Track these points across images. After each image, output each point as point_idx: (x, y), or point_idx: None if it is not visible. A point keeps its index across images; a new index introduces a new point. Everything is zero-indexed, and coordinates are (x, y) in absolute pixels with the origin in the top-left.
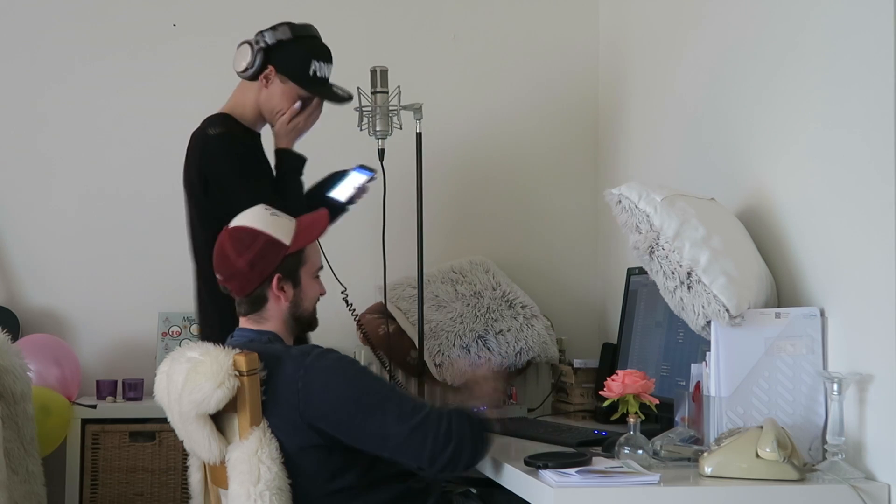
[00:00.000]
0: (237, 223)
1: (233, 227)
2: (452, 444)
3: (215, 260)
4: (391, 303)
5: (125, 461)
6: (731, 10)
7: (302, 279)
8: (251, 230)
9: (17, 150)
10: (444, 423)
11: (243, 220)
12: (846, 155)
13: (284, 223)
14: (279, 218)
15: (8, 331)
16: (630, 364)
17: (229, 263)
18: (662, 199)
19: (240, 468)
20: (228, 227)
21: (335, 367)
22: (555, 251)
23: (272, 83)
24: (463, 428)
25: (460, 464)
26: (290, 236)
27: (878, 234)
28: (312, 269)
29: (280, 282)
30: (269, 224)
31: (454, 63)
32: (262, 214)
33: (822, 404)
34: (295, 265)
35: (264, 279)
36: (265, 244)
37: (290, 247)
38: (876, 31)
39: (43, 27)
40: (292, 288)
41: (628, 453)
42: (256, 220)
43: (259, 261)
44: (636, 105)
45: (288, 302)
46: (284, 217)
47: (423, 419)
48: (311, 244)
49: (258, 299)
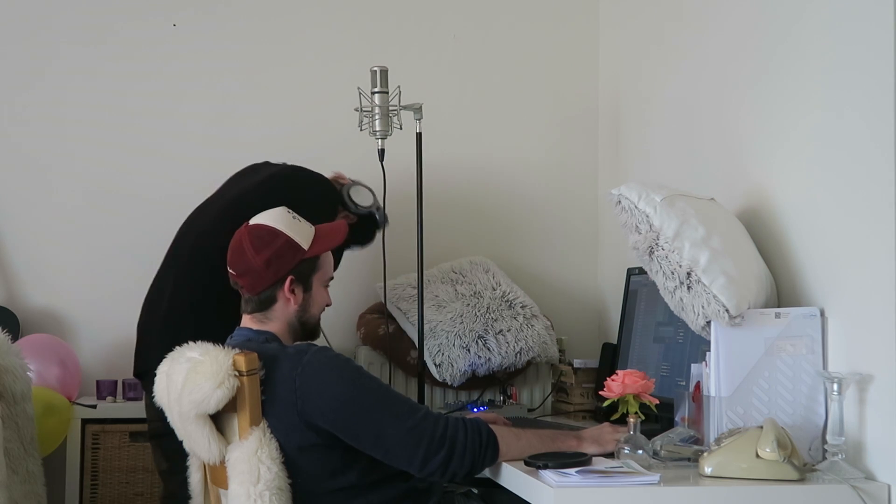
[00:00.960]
0: (258, 221)
1: (254, 223)
2: (445, 449)
3: (231, 254)
4: (391, 303)
5: (125, 461)
6: (732, 10)
7: (313, 285)
8: (272, 229)
9: (17, 150)
10: (440, 428)
11: (265, 219)
12: (846, 155)
13: (305, 228)
14: (300, 223)
15: (8, 331)
16: (630, 364)
17: (246, 259)
18: (662, 200)
19: (240, 468)
20: (249, 223)
21: (331, 366)
22: (555, 251)
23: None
24: (458, 434)
25: (449, 470)
26: (308, 241)
27: (879, 234)
28: (324, 278)
29: (292, 284)
30: (290, 226)
31: (454, 63)
32: (285, 216)
33: (822, 404)
34: (309, 270)
35: (277, 279)
36: (284, 244)
37: (307, 251)
38: (876, 31)
39: (42, 27)
40: (303, 292)
41: (628, 453)
42: (278, 221)
43: (276, 260)
44: (636, 105)
45: (297, 305)
46: (305, 223)
47: (420, 421)
48: (327, 254)
49: (268, 299)
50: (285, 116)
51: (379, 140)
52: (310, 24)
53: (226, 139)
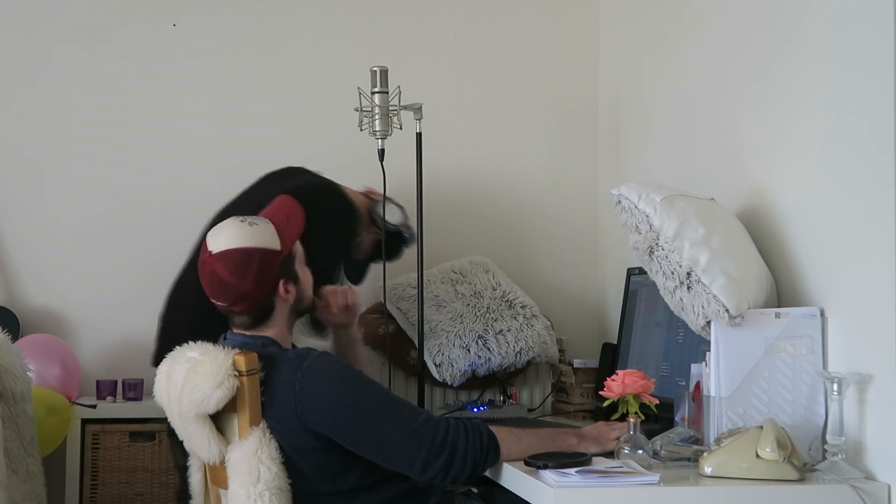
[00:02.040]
0: (221, 247)
1: (219, 252)
2: (447, 453)
3: (212, 289)
4: (391, 303)
5: (125, 461)
6: (732, 10)
7: (298, 273)
8: (243, 251)
9: (17, 150)
10: (441, 433)
11: (227, 243)
12: (846, 155)
13: (266, 229)
14: (258, 225)
15: (8, 331)
16: (630, 364)
17: (231, 288)
18: (662, 200)
19: (240, 468)
20: (212, 252)
21: (332, 371)
22: (555, 251)
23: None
24: (459, 438)
25: (451, 474)
26: (276, 240)
27: (879, 233)
28: (301, 259)
29: (285, 284)
30: (255, 236)
31: (454, 63)
32: (242, 229)
33: (822, 404)
34: (290, 263)
35: (271, 290)
36: (262, 259)
37: (281, 251)
38: (876, 32)
39: (42, 27)
40: (294, 285)
41: (628, 453)
42: (241, 238)
43: (263, 276)
44: (636, 105)
45: (293, 298)
46: (261, 222)
47: (421, 425)
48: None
49: (267, 310)
50: (285, 116)
51: (379, 140)
52: (310, 24)
53: (226, 139)
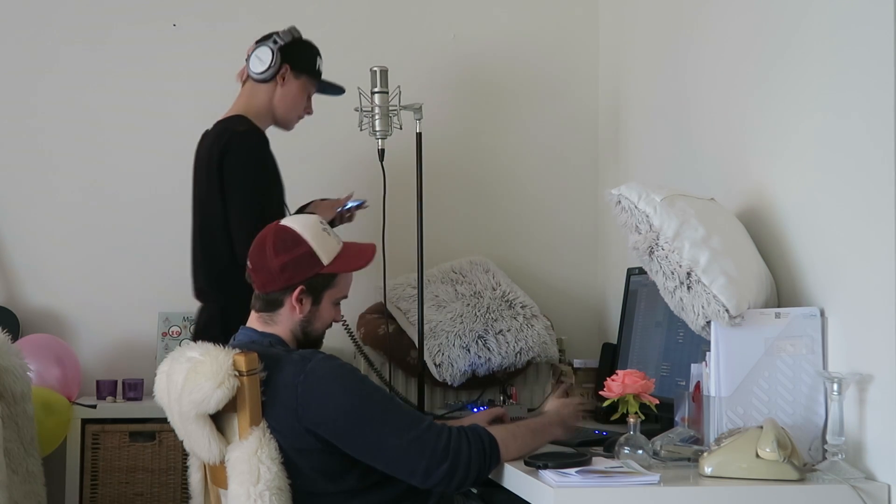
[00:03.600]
0: (288, 223)
1: (282, 224)
2: (449, 460)
3: (253, 248)
4: (391, 303)
5: (125, 461)
6: (733, 11)
7: (323, 300)
8: (297, 236)
9: (17, 150)
10: (444, 439)
11: (295, 224)
12: (846, 155)
13: (331, 242)
14: (329, 236)
15: (8, 331)
16: (630, 364)
17: (264, 257)
18: (662, 200)
19: (240, 468)
20: (279, 222)
21: (335, 375)
22: (555, 251)
23: (287, 82)
24: (461, 445)
25: (454, 481)
26: (331, 257)
27: (879, 234)
28: (337, 295)
29: (301, 294)
30: (317, 237)
31: (454, 63)
32: (315, 226)
33: (822, 404)
34: (322, 285)
35: (288, 286)
36: (303, 254)
37: (325, 266)
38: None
39: (43, 26)
40: (310, 305)
41: (628, 453)
42: (306, 229)
43: (291, 267)
44: (636, 105)
45: (301, 315)
46: (334, 237)
47: (423, 432)
48: (346, 274)
49: (275, 302)
50: None
51: (379, 140)
52: (310, 25)
53: None
